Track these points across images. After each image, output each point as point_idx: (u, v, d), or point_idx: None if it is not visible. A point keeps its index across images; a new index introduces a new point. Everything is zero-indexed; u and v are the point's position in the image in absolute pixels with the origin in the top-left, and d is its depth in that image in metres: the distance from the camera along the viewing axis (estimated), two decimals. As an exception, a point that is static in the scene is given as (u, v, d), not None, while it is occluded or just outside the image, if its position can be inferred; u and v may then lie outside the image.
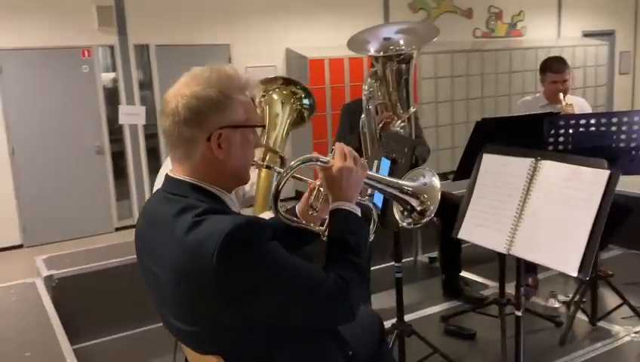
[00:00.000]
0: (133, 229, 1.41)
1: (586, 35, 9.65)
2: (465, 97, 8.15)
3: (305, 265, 1.25)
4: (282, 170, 1.41)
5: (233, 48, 6.82)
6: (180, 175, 1.29)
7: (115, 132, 6.40)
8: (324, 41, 7.27)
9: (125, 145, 6.46)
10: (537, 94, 3.73)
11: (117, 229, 6.41)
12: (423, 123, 4.57)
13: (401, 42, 3.20)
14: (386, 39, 3.19)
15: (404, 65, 3.14)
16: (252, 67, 6.91)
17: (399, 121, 3.19)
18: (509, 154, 2.04)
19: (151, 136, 6.64)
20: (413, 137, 3.27)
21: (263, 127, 1.30)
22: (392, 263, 2.74)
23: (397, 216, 1.65)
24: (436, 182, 1.55)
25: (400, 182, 1.56)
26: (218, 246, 1.13)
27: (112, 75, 6.37)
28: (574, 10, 9.45)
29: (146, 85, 6.56)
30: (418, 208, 1.55)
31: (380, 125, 3.15)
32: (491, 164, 2.09)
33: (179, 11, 6.47)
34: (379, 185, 1.55)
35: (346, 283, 1.27)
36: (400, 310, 2.58)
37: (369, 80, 3.03)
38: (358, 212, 1.42)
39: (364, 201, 1.59)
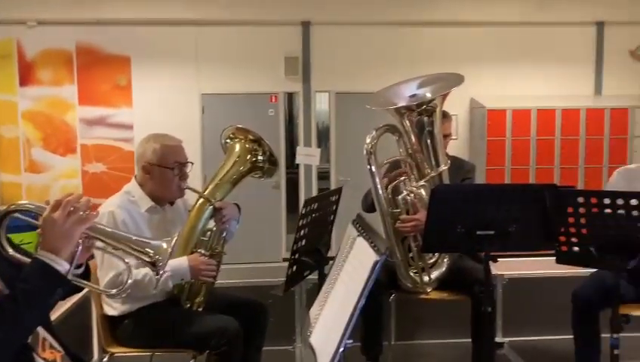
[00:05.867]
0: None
1: None
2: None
3: None
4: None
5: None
6: None
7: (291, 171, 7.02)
8: (523, 91, 6.73)
9: (299, 183, 7.02)
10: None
11: (284, 260, 6.95)
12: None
13: (428, 95, 2.94)
14: (411, 96, 2.97)
15: (426, 118, 2.87)
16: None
17: (421, 181, 2.90)
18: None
19: (323, 176, 7.08)
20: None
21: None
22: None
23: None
24: (164, 244, 1.57)
25: (123, 234, 1.57)
26: None
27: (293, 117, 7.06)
28: None
29: (323, 128, 7.08)
30: (147, 259, 1.55)
31: (392, 184, 2.92)
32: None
33: (361, 60, 6.78)
34: (101, 237, 1.56)
35: None
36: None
37: (373, 133, 2.84)
38: (58, 264, 1.45)
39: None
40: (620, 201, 2.05)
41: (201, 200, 2.46)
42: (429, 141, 2.88)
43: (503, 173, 6.55)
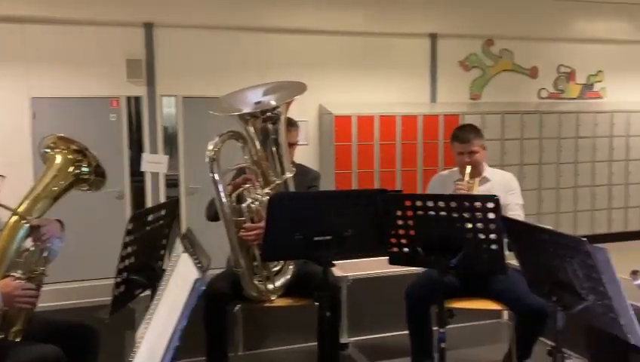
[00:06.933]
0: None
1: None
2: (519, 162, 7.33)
3: None
4: None
5: (264, 102, 6.82)
6: None
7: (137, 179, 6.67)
8: (366, 98, 7.01)
9: (145, 192, 6.68)
10: (454, 168, 3.21)
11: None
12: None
13: (272, 102, 2.92)
14: (256, 103, 2.93)
15: (270, 125, 2.85)
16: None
17: (266, 189, 2.86)
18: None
19: (172, 184, 6.81)
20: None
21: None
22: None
23: None
24: None
25: None
26: None
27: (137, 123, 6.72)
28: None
29: (172, 134, 6.82)
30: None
31: (236, 192, 2.86)
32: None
33: (209, 65, 6.64)
34: None
35: None
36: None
37: (216, 139, 2.76)
38: None
39: None
40: (441, 204, 2.18)
41: (15, 217, 2.21)
42: (274, 148, 2.86)
43: (350, 177, 6.79)
